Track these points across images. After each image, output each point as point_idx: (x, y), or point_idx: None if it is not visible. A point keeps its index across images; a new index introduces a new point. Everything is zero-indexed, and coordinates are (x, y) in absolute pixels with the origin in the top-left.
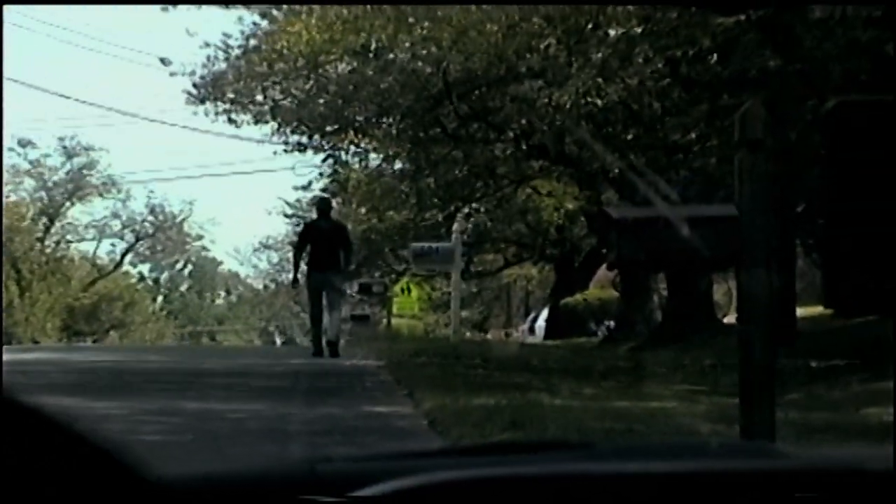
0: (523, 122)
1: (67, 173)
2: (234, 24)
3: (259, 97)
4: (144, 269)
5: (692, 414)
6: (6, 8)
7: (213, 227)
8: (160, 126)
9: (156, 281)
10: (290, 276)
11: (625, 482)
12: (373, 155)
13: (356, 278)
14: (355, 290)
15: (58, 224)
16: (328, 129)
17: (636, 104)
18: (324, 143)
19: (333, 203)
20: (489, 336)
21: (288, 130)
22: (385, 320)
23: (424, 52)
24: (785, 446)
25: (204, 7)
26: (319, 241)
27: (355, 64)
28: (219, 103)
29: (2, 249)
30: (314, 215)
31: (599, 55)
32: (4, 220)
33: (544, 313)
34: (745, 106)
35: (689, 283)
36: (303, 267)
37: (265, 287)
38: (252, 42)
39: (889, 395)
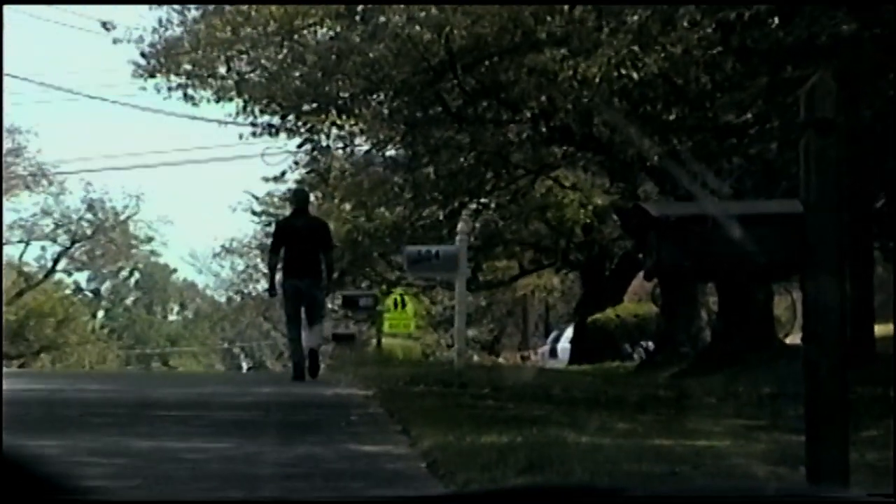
0: (543, 99)
1: None
2: None
3: (221, 69)
4: (81, 278)
5: (747, 453)
6: (6, 8)
7: (165, 226)
8: (101, 104)
9: (95, 293)
10: (260, 286)
11: None
12: (359, 139)
13: (339, 289)
14: (338, 304)
15: None
16: (305, 107)
17: (680, 78)
18: (300, 124)
19: (312, 197)
20: (501, 360)
21: (256, 109)
22: (374, 340)
23: (423, 14)
24: (860, 493)
25: None
26: (295, 242)
27: (338, 29)
28: (172, 77)
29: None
30: (288, 211)
31: (636, 18)
32: None
33: (568, 332)
34: (813, 80)
35: (743, 295)
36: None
37: (229, 300)
38: (213, 3)
39: None
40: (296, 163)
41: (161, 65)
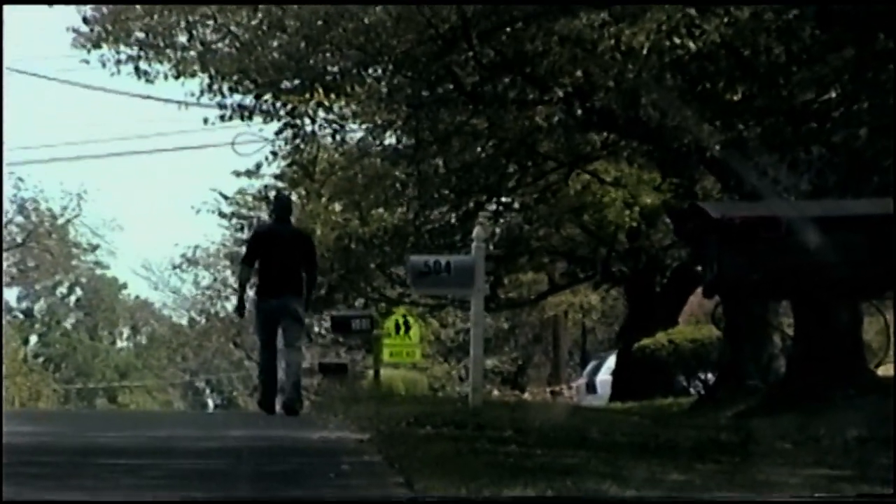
0: (578, 74)
1: None
2: None
3: (182, 38)
4: (10, 295)
5: (848, 501)
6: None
7: (113, 232)
8: (32, 81)
9: (27, 313)
10: (230, 304)
11: None
12: (352, 124)
13: (327, 309)
14: (326, 328)
15: None
16: (285, 84)
17: (747, 48)
18: (278, 105)
19: (294, 197)
20: (527, 396)
21: (225, 87)
22: (371, 372)
23: None
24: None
25: None
26: (274, 254)
27: None
28: (122, 47)
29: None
30: (270, 215)
31: None
32: None
33: (610, 362)
34: None
35: (825, 317)
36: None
37: (191, 322)
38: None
39: None
40: (273, 153)
41: (108, 32)
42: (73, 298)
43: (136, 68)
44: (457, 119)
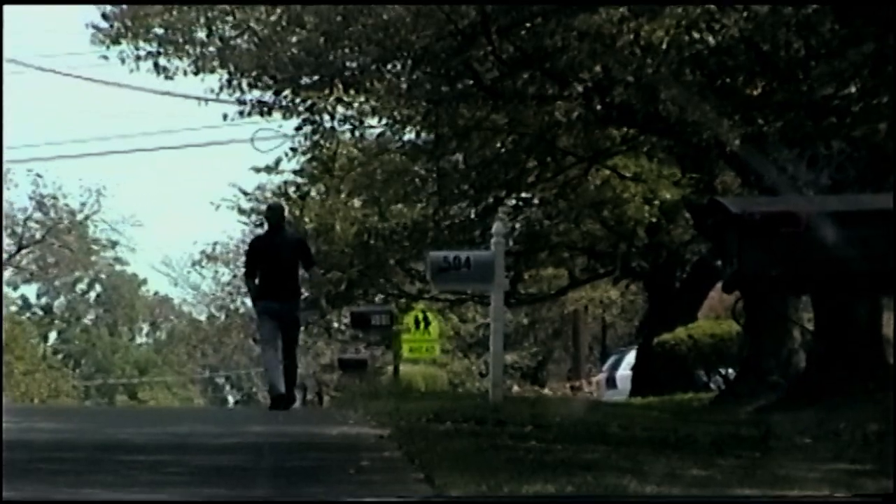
0: (597, 69)
1: None
2: None
3: (201, 34)
4: (30, 291)
5: (848, 501)
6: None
7: (133, 228)
8: (52, 77)
9: (47, 309)
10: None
11: None
12: (371, 120)
13: (347, 304)
14: (346, 323)
15: None
16: (304, 80)
17: (766, 42)
18: (298, 101)
19: (314, 192)
20: (547, 391)
21: (244, 83)
22: (391, 368)
23: None
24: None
25: None
26: (271, 262)
27: None
28: (141, 43)
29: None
30: (265, 224)
31: None
32: None
33: (630, 357)
34: None
35: (845, 312)
36: None
37: (210, 318)
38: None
39: None
40: (293, 149)
41: (127, 29)
42: (92, 295)
43: (156, 64)
44: (476, 114)
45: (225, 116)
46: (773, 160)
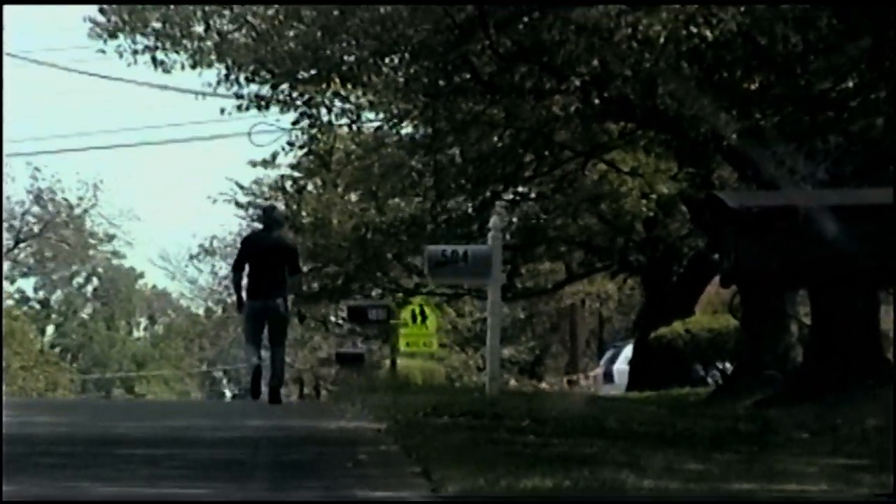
0: (595, 63)
1: None
2: None
3: (198, 28)
4: (27, 285)
5: (848, 501)
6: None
7: (130, 222)
8: (50, 71)
9: (44, 303)
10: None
11: None
12: (369, 114)
13: (345, 298)
14: (343, 317)
15: None
16: (302, 74)
17: (764, 37)
18: (295, 95)
19: (311, 186)
20: (544, 385)
21: (242, 78)
22: (388, 362)
23: None
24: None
25: None
26: (261, 260)
27: None
28: (138, 37)
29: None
30: (262, 223)
31: None
32: None
33: (627, 351)
34: None
35: (843, 306)
36: None
37: (208, 312)
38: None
39: None
40: (290, 143)
41: (125, 22)
42: (90, 288)
43: (153, 58)
44: (473, 108)
45: (222, 110)
46: (771, 154)
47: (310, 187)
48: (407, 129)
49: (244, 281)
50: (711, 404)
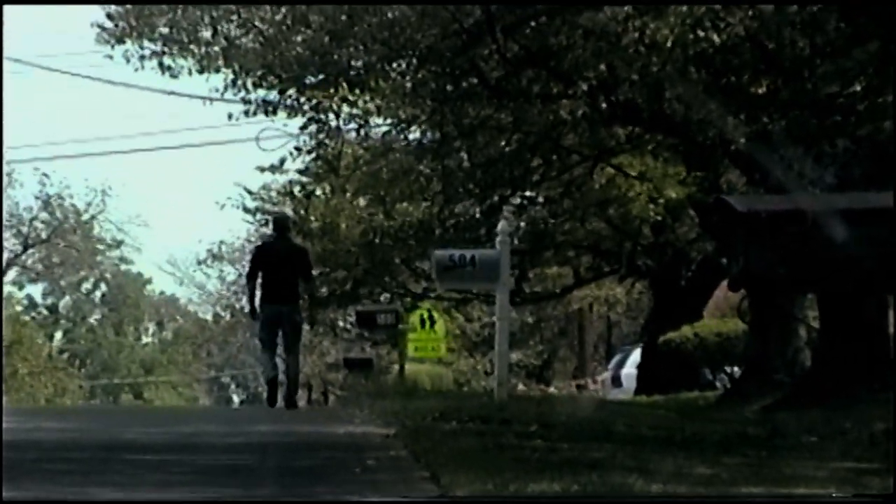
0: (602, 68)
1: None
2: None
3: (206, 33)
4: (35, 291)
5: (848, 501)
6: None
7: (139, 228)
8: (57, 77)
9: (52, 309)
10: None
11: None
12: (377, 119)
13: (353, 303)
14: (351, 322)
15: None
16: (309, 80)
17: (772, 41)
18: (303, 101)
19: (319, 191)
20: (552, 390)
21: (249, 83)
22: (396, 367)
23: None
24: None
25: None
26: (274, 268)
27: None
28: (146, 42)
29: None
30: (271, 233)
31: None
32: None
33: (635, 355)
34: None
35: (852, 310)
36: None
37: (216, 318)
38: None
39: None
40: (297, 149)
41: (132, 28)
42: (98, 294)
43: (161, 64)
44: (481, 113)
45: (230, 116)
46: (779, 158)
47: (318, 192)
48: (415, 133)
49: (257, 290)
50: (720, 408)
